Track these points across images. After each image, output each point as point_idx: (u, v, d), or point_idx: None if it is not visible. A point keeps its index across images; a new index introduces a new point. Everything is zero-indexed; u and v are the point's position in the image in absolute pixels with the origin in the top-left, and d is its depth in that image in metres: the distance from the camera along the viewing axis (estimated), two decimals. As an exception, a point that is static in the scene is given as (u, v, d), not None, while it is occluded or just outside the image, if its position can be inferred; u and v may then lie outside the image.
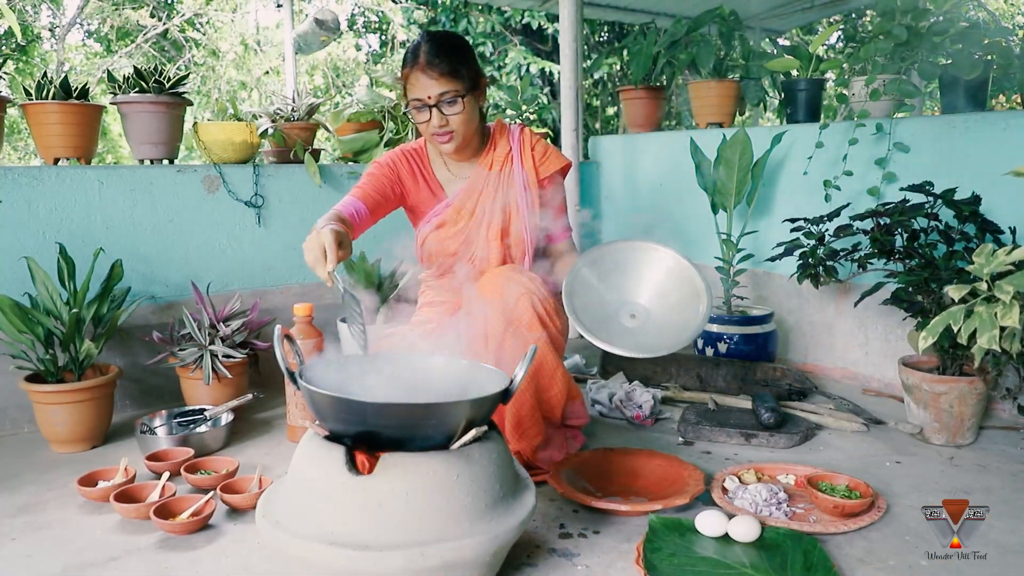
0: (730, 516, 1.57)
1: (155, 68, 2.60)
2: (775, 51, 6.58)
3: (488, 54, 9.58)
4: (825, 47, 7.67)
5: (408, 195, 2.05)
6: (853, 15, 8.59)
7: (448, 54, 1.86)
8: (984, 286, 1.75)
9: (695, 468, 1.82)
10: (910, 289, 2.14)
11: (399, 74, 1.95)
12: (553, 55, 9.19)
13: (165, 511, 1.66)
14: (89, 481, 1.84)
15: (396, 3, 9.64)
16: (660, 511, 1.65)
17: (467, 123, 1.92)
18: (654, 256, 1.93)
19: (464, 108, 1.89)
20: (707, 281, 1.87)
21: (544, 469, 1.87)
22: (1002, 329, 1.68)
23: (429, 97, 1.86)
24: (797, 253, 2.45)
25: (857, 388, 2.68)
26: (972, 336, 1.71)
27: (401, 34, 9.45)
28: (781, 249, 2.49)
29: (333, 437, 1.37)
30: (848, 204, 2.50)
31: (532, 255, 2.05)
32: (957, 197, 2.18)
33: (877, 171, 2.56)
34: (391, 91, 3.10)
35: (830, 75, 5.61)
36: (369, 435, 1.32)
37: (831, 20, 8.29)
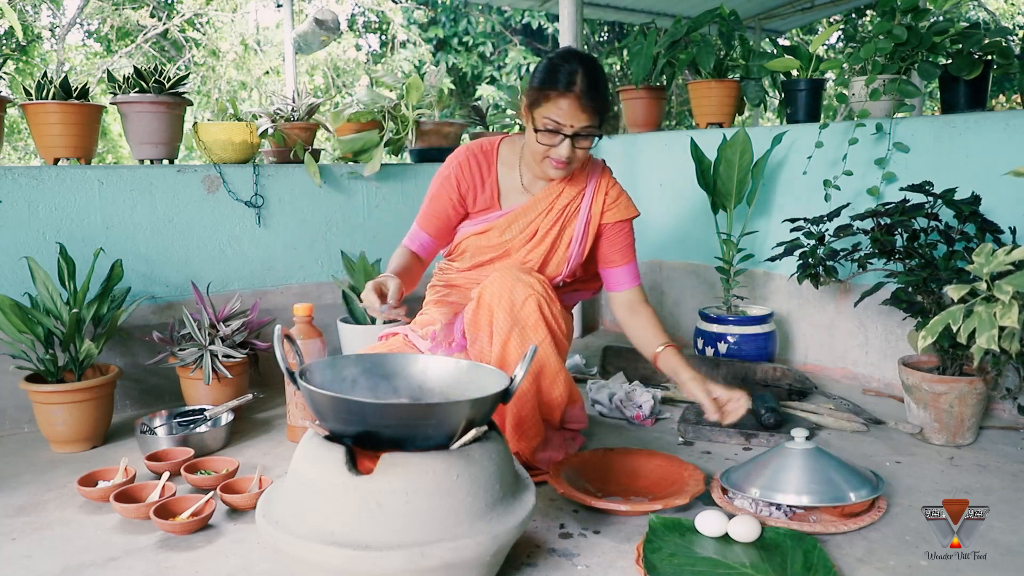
0: (730, 516, 1.57)
1: (155, 68, 2.60)
2: (775, 51, 6.59)
3: (488, 54, 9.59)
4: (825, 47, 7.67)
5: (467, 206, 2.03)
6: (853, 15, 8.60)
7: (602, 90, 1.81)
8: (984, 286, 1.75)
9: (695, 468, 1.82)
10: (910, 289, 2.14)
11: (533, 88, 1.82)
12: (553, 55, 9.16)
13: (165, 511, 1.66)
14: (89, 481, 1.84)
15: (396, 3, 9.64)
16: (660, 511, 1.65)
17: (584, 158, 1.92)
18: None
19: (592, 144, 1.87)
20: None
21: (543, 469, 1.87)
22: (1001, 329, 1.68)
23: (571, 127, 1.80)
24: (797, 253, 2.45)
25: (857, 388, 2.68)
26: (972, 336, 1.71)
27: (401, 34, 9.45)
28: (781, 249, 2.48)
29: (333, 437, 1.37)
30: (848, 204, 2.50)
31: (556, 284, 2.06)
32: (957, 197, 2.18)
33: (877, 171, 2.56)
34: (391, 91, 3.10)
35: (830, 75, 5.61)
36: (369, 435, 1.32)
37: (831, 20, 8.30)
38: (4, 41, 8.91)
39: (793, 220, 2.51)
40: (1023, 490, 1.82)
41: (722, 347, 2.75)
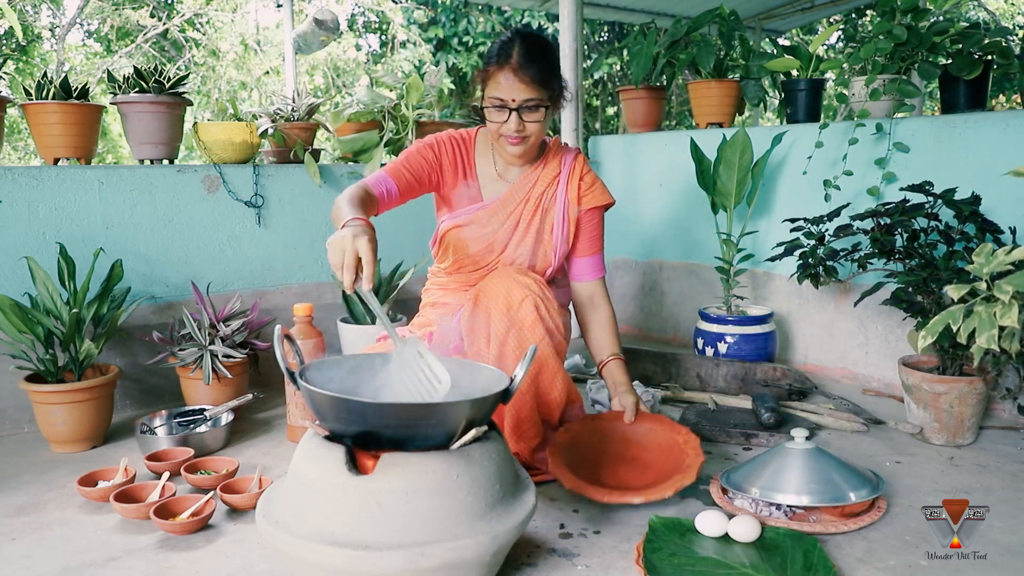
0: (730, 516, 1.57)
1: (155, 68, 2.60)
2: (775, 51, 6.58)
3: (488, 54, 9.57)
4: (825, 47, 7.68)
5: (444, 185, 2.02)
6: (853, 15, 8.60)
7: (541, 60, 1.82)
8: (984, 286, 1.75)
9: (688, 431, 1.81)
10: (910, 289, 2.14)
11: (479, 70, 1.90)
12: (553, 55, 9.18)
13: (165, 511, 1.66)
14: (89, 481, 1.84)
15: (396, 3, 9.64)
16: (672, 495, 1.65)
17: (541, 131, 1.91)
18: None
19: (543, 117, 1.87)
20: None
21: (542, 469, 1.87)
22: (1001, 329, 1.68)
23: (513, 100, 1.83)
24: (797, 253, 2.45)
25: (857, 388, 2.68)
26: (972, 336, 1.71)
27: (401, 34, 9.45)
28: (781, 249, 2.48)
29: (333, 437, 1.37)
30: (848, 204, 2.50)
31: (549, 278, 2.05)
32: (957, 197, 2.18)
33: (877, 171, 2.56)
34: (391, 91, 3.10)
35: (830, 75, 5.61)
36: (369, 435, 1.32)
37: (831, 20, 8.30)
38: (4, 41, 8.91)
39: (793, 220, 2.51)
40: (1023, 490, 1.82)
41: (722, 347, 2.75)
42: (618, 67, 9.48)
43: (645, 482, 1.76)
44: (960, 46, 2.42)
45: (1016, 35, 8.56)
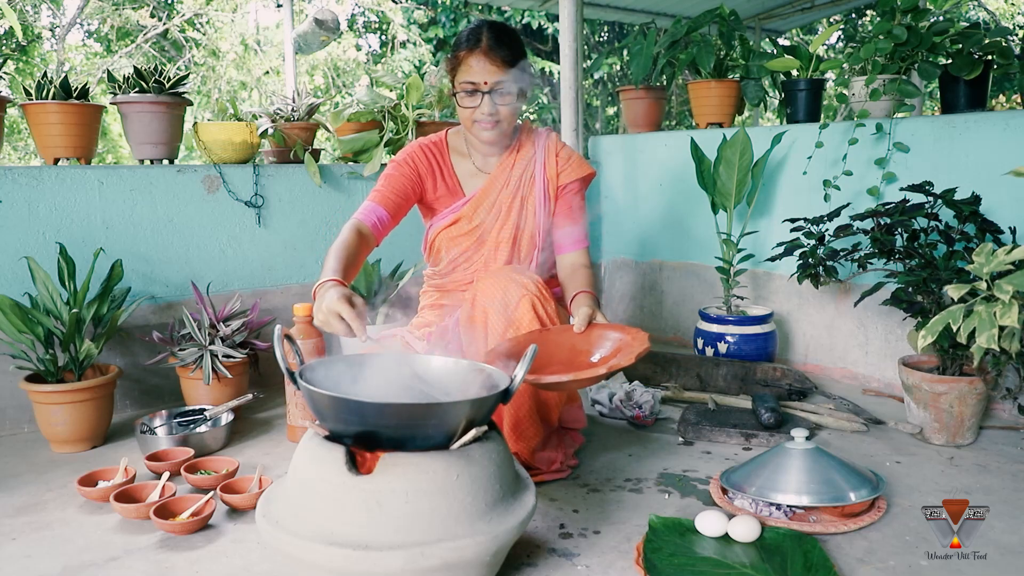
0: (730, 516, 1.57)
1: (155, 68, 2.60)
2: (775, 51, 6.58)
3: (488, 54, 9.58)
4: (825, 47, 7.68)
5: (427, 192, 2.03)
6: (853, 15, 8.60)
7: (510, 44, 1.87)
8: (984, 286, 1.75)
9: (638, 329, 1.70)
10: (910, 289, 2.14)
11: (447, 59, 1.94)
12: (553, 55, 9.21)
13: (165, 511, 1.66)
14: (89, 481, 1.84)
15: (396, 3, 9.64)
16: (607, 375, 1.57)
17: (513, 115, 1.93)
18: None
19: (514, 100, 1.90)
20: None
21: (542, 469, 1.87)
22: (1001, 328, 1.68)
23: (485, 83, 1.85)
24: (797, 253, 2.45)
25: (857, 388, 2.68)
26: (972, 335, 1.71)
27: (401, 34, 9.46)
28: (781, 249, 2.48)
29: (333, 437, 1.37)
30: (848, 204, 2.50)
31: (539, 260, 2.05)
32: (957, 197, 2.18)
33: (877, 171, 2.56)
34: (391, 91, 3.10)
35: (830, 75, 5.61)
36: (369, 435, 1.32)
37: (831, 20, 8.30)
38: (4, 41, 8.91)
39: (793, 220, 2.51)
40: (1023, 490, 1.83)
41: (722, 347, 2.75)
42: (618, 67, 9.49)
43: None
44: (960, 46, 2.42)
45: (1016, 35, 8.57)
